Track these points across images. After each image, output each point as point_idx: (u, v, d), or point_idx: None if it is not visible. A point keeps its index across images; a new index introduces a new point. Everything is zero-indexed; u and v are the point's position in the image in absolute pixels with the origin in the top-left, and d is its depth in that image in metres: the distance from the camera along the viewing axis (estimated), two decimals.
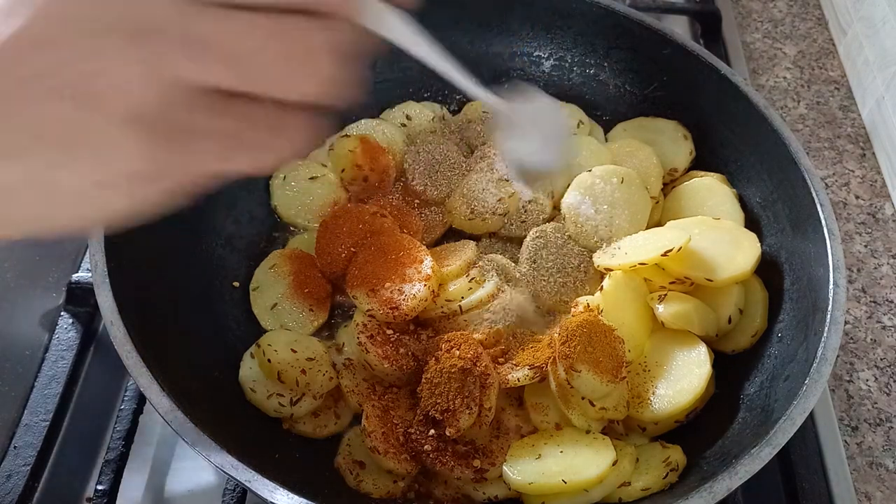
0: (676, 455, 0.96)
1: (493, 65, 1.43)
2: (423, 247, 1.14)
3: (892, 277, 1.39)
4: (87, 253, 1.02)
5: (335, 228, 1.18)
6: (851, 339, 1.31)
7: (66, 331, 1.18)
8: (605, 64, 1.37)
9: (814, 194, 1.04)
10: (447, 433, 0.97)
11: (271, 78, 0.54)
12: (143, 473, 1.12)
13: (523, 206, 1.25)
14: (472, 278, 1.13)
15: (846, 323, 1.32)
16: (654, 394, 1.02)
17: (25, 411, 1.09)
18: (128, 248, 0.99)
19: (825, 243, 1.00)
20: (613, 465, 0.92)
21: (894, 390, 1.25)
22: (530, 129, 0.87)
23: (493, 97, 0.83)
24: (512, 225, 1.24)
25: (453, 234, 1.27)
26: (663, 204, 1.25)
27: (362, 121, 1.36)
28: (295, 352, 1.07)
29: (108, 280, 0.91)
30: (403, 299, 1.07)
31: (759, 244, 1.09)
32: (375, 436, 0.97)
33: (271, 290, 1.17)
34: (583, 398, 0.98)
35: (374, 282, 1.10)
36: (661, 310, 1.05)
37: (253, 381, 1.05)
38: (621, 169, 1.22)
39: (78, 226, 0.57)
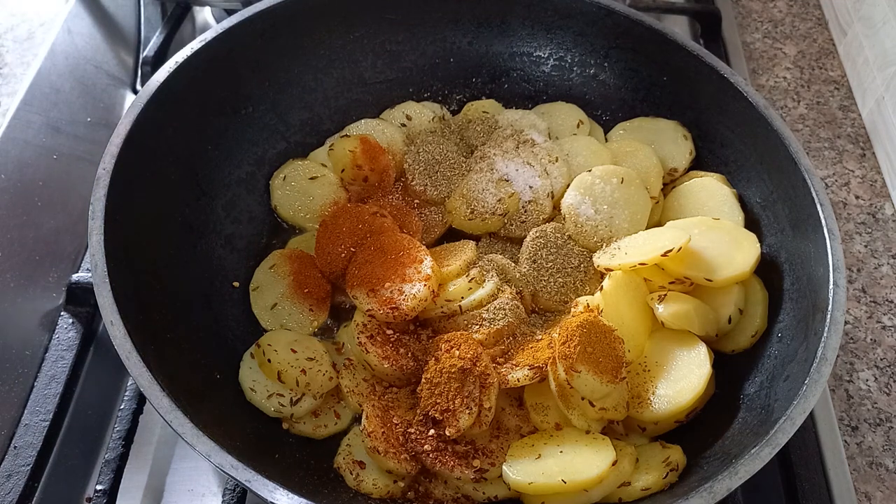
0: (676, 455, 0.96)
1: (493, 65, 1.43)
2: (423, 247, 1.14)
3: (892, 277, 1.39)
4: (87, 253, 1.02)
5: (335, 228, 1.18)
6: (851, 339, 1.31)
7: (66, 331, 1.18)
8: (605, 64, 1.37)
9: (814, 194, 1.04)
10: (447, 433, 0.97)
11: None
12: (143, 473, 1.12)
13: (523, 206, 1.25)
14: (472, 278, 1.13)
15: (846, 323, 1.32)
16: (654, 394, 1.02)
17: (25, 411, 1.10)
18: (128, 248, 0.99)
19: (825, 243, 1.00)
20: (613, 465, 0.92)
21: (894, 390, 1.25)
22: None
23: None
24: (512, 225, 1.24)
25: (453, 234, 1.27)
26: (663, 204, 1.25)
27: (362, 121, 1.36)
28: (295, 352, 1.07)
29: (108, 280, 0.91)
30: (403, 299, 1.07)
31: (758, 244, 1.09)
32: (375, 436, 0.97)
33: (271, 290, 1.17)
34: (583, 398, 0.98)
35: (374, 282, 1.10)
36: (661, 310, 1.05)
37: (253, 381, 1.05)
38: (621, 169, 1.22)
39: None
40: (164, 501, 1.11)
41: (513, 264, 1.18)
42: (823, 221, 1.02)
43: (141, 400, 1.09)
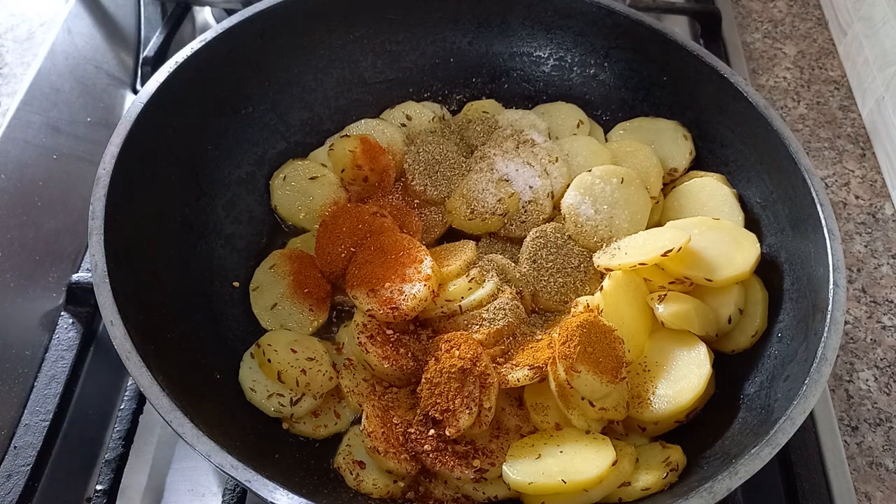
0: (676, 455, 0.96)
1: (493, 65, 1.43)
2: (423, 247, 1.14)
3: (892, 277, 1.39)
4: (87, 253, 1.02)
5: (335, 228, 1.18)
6: (851, 339, 1.31)
7: (66, 331, 1.18)
8: (605, 64, 1.37)
9: (814, 194, 1.04)
10: (447, 433, 0.97)
11: None
12: (143, 473, 1.12)
13: (523, 206, 1.25)
14: (472, 278, 1.13)
15: (846, 323, 1.32)
16: (654, 394, 1.02)
17: (25, 411, 1.10)
18: (128, 248, 0.99)
19: (825, 243, 1.00)
20: (613, 465, 0.92)
21: (894, 390, 1.25)
22: None
23: None
24: (512, 225, 1.24)
25: (453, 234, 1.27)
26: (663, 204, 1.25)
27: (362, 121, 1.36)
28: (295, 352, 1.07)
29: (108, 280, 0.91)
30: (403, 299, 1.07)
31: (758, 244, 1.09)
32: (375, 436, 0.97)
33: (271, 290, 1.17)
34: (583, 398, 0.98)
35: (373, 282, 1.10)
36: (661, 310, 1.05)
37: (253, 381, 1.05)
38: (621, 169, 1.22)
39: None
40: (164, 501, 1.11)
41: (513, 264, 1.18)
42: (823, 221, 1.02)
43: (141, 400, 1.09)
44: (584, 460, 0.93)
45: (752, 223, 1.17)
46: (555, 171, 1.27)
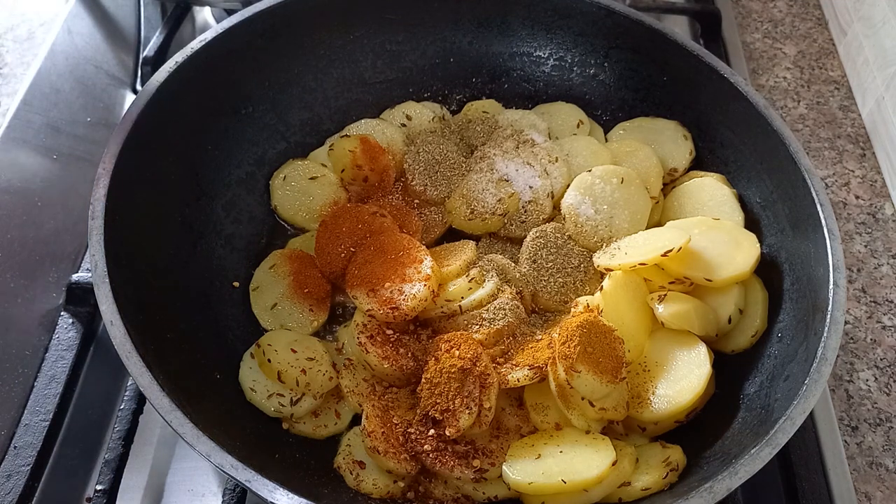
0: (676, 455, 0.96)
1: (493, 65, 1.43)
2: (423, 247, 1.14)
3: (892, 277, 1.39)
4: (87, 253, 1.02)
5: (335, 228, 1.18)
6: (851, 339, 1.31)
7: (66, 331, 1.18)
8: (605, 64, 1.37)
9: (814, 194, 1.04)
10: (447, 433, 0.97)
11: None
12: (143, 473, 1.12)
13: (523, 206, 1.25)
14: (472, 278, 1.13)
15: (846, 323, 1.32)
16: (654, 394, 1.02)
17: (25, 411, 1.10)
18: (128, 248, 0.99)
19: (825, 243, 1.00)
20: (613, 465, 0.92)
21: (894, 390, 1.25)
22: None
23: None
24: (512, 225, 1.24)
25: (453, 234, 1.27)
26: (663, 204, 1.25)
27: (362, 121, 1.36)
28: (295, 352, 1.07)
29: (108, 280, 0.91)
30: (403, 299, 1.07)
31: (758, 244, 1.09)
32: (375, 436, 0.97)
33: (271, 290, 1.17)
34: (583, 398, 0.98)
35: (373, 282, 1.10)
36: (661, 310, 1.05)
37: (253, 381, 1.05)
38: (621, 169, 1.22)
39: None
40: (164, 501, 1.11)
41: (513, 264, 1.18)
42: (823, 221, 1.02)
43: (141, 400, 1.09)
44: (584, 460, 0.93)
45: (752, 223, 1.17)
46: (555, 171, 1.27)
